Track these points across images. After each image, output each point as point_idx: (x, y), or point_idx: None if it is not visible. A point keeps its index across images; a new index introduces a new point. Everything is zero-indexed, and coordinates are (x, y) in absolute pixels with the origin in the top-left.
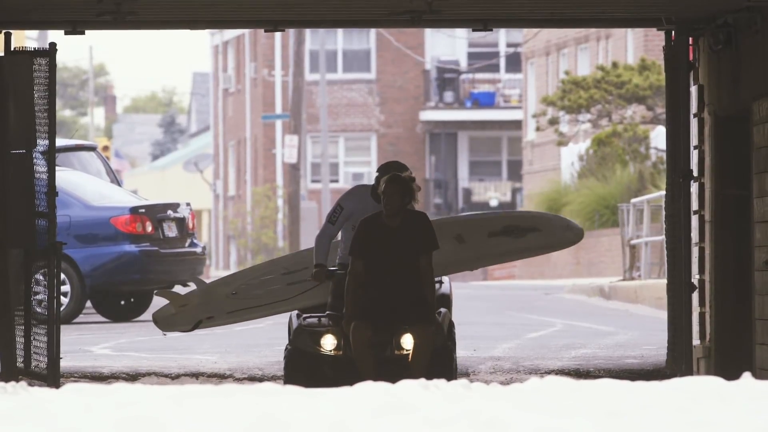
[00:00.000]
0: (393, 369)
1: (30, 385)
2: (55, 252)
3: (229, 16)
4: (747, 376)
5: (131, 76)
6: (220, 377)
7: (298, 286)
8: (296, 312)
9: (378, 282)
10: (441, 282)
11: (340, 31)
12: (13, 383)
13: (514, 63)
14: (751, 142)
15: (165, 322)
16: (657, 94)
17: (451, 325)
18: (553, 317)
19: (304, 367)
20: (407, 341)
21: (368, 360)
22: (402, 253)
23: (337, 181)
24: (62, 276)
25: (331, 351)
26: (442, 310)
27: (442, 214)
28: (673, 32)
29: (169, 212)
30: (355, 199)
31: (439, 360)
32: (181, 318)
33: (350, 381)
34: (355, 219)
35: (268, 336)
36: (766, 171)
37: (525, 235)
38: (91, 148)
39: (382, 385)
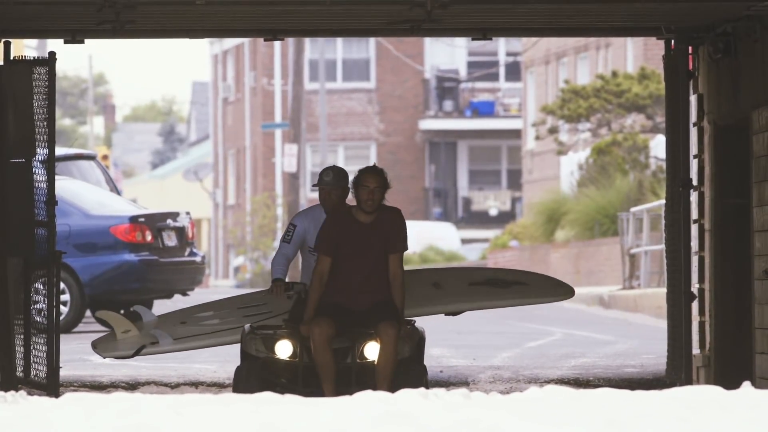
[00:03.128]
0: (355, 378)
1: (29, 394)
2: (55, 261)
3: (228, 25)
4: (747, 385)
5: (131, 85)
6: (219, 386)
7: (255, 317)
8: (249, 324)
9: (344, 282)
10: (413, 322)
11: (339, 40)
12: (12, 392)
13: (514, 72)
14: (750, 151)
15: (105, 346)
16: (657, 103)
17: (422, 342)
18: (552, 326)
19: (255, 379)
20: (371, 350)
21: (328, 362)
22: (373, 252)
23: None
24: (62, 285)
25: (286, 358)
26: (415, 320)
27: (442, 223)
28: (672, 41)
29: (169, 221)
30: (308, 218)
31: (406, 379)
32: (123, 343)
33: (306, 391)
34: (311, 240)
35: None
36: (765, 180)
37: (509, 287)
38: (91, 157)
39: (381, 395)
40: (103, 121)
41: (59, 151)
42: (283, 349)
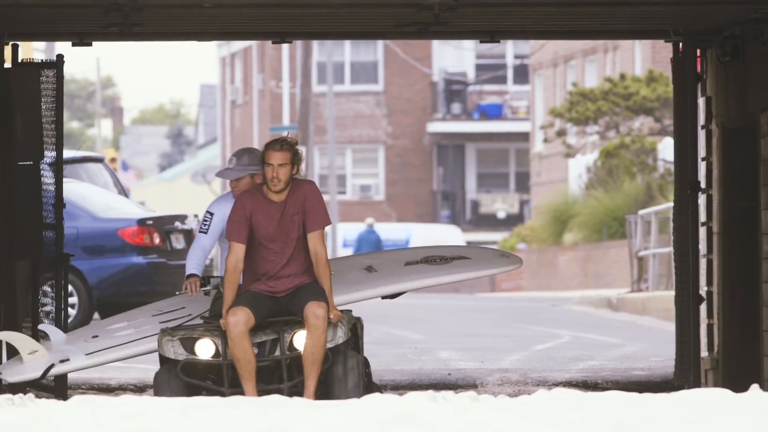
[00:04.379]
0: (286, 373)
1: (37, 397)
2: (63, 264)
3: (236, 27)
4: (755, 388)
5: (138, 88)
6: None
7: (172, 322)
8: (164, 327)
9: (262, 269)
10: (349, 312)
11: (347, 43)
12: (20, 395)
13: (522, 75)
14: (758, 154)
15: (12, 370)
16: (665, 105)
17: (358, 328)
18: (560, 329)
19: (177, 383)
20: (301, 340)
21: (247, 356)
22: (290, 232)
23: (344, 192)
24: (70, 288)
25: (208, 358)
26: (351, 309)
27: (448, 226)
28: (680, 44)
29: (177, 224)
30: (227, 205)
31: (340, 368)
32: (31, 365)
33: (232, 392)
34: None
35: None
36: None
37: (450, 262)
38: (99, 160)
39: (390, 397)
40: (111, 124)
41: (67, 153)
42: (204, 349)
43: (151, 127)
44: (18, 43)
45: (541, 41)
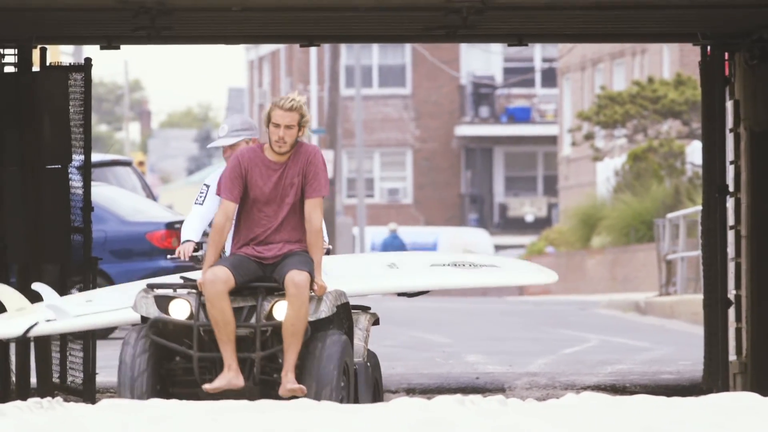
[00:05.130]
0: (260, 343)
1: (66, 400)
2: (91, 267)
3: (264, 30)
4: None
5: (166, 92)
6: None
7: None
8: (146, 284)
9: (253, 232)
10: (368, 309)
11: (375, 46)
12: (48, 398)
13: (550, 78)
14: None
15: None
16: (693, 109)
17: (347, 308)
18: (588, 332)
19: (145, 343)
20: (280, 310)
21: (225, 319)
22: (286, 196)
23: (372, 196)
24: None
25: (181, 319)
26: (369, 306)
27: (475, 229)
28: (708, 47)
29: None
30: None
31: (321, 346)
32: (14, 321)
33: (202, 358)
34: None
35: None
36: None
37: (479, 268)
38: (127, 163)
39: (417, 401)
40: (139, 128)
41: (95, 157)
42: (178, 310)
43: (178, 130)
44: (46, 46)
45: (569, 44)
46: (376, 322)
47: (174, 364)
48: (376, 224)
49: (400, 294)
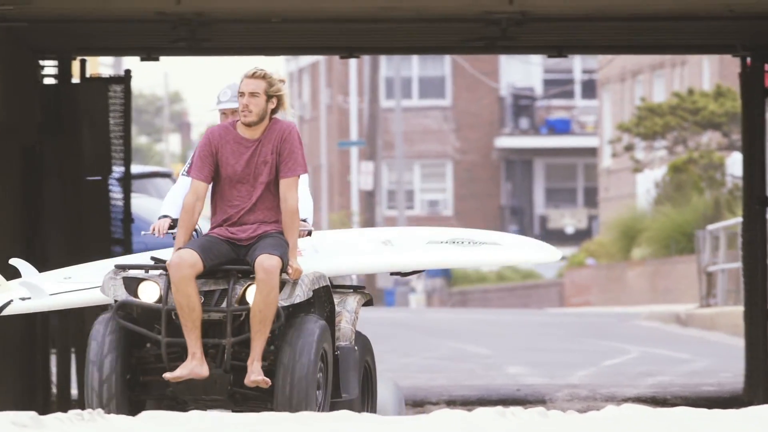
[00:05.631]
0: (230, 329)
1: (107, 412)
2: None
3: (304, 42)
4: None
5: (206, 103)
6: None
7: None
8: (115, 264)
9: (225, 212)
10: (362, 288)
11: (415, 58)
12: (89, 410)
13: (590, 89)
14: None
15: None
16: (733, 120)
17: (328, 291)
18: (629, 344)
19: (113, 329)
20: (253, 294)
21: (191, 303)
22: (259, 176)
23: (412, 207)
24: None
25: (150, 302)
26: (363, 286)
27: None
28: (748, 58)
29: None
30: None
31: (292, 333)
32: None
33: (170, 343)
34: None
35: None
36: None
37: (478, 245)
38: (167, 175)
39: (458, 413)
40: (179, 139)
41: (135, 168)
42: (147, 292)
43: None
44: (86, 58)
45: (609, 56)
46: (368, 302)
47: (145, 350)
48: None
49: (393, 273)
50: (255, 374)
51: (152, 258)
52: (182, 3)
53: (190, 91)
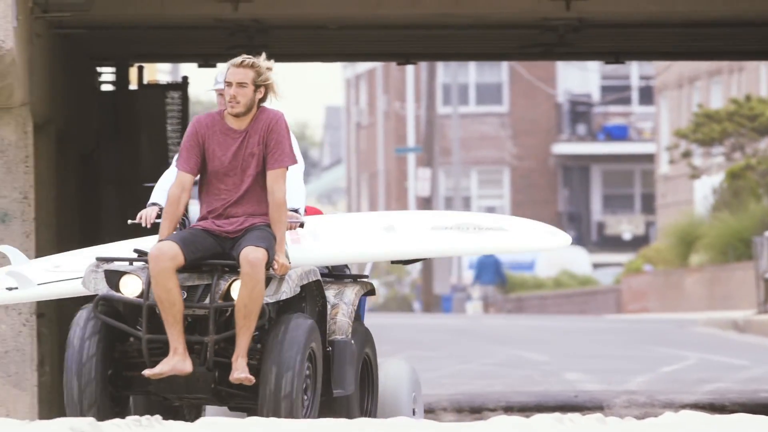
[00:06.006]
0: (214, 326)
1: (165, 419)
2: None
3: (360, 48)
4: None
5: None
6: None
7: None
8: (96, 257)
9: (212, 204)
10: (366, 277)
11: (472, 64)
12: (147, 416)
13: (647, 96)
14: None
15: None
16: None
17: (319, 286)
18: (687, 351)
19: (95, 324)
20: (238, 289)
21: (172, 298)
22: (247, 168)
23: None
24: None
25: (131, 297)
26: (366, 275)
27: (574, 247)
28: None
29: None
30: None
31: (280, 330)
32: None
33: (151, 340)
34: None
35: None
36: None
37: (484, 231)
38: None
39: (516, 419)
40: None
41: None
42: (129, 286)
43: None
44: (143, 64)
45: (666, 62)
46: (370, 292)
47: (128, 345)
48: None
49: (394, 262)
50: (239, 371)
51: (135, 250)
52: (240, 9)
53: None
